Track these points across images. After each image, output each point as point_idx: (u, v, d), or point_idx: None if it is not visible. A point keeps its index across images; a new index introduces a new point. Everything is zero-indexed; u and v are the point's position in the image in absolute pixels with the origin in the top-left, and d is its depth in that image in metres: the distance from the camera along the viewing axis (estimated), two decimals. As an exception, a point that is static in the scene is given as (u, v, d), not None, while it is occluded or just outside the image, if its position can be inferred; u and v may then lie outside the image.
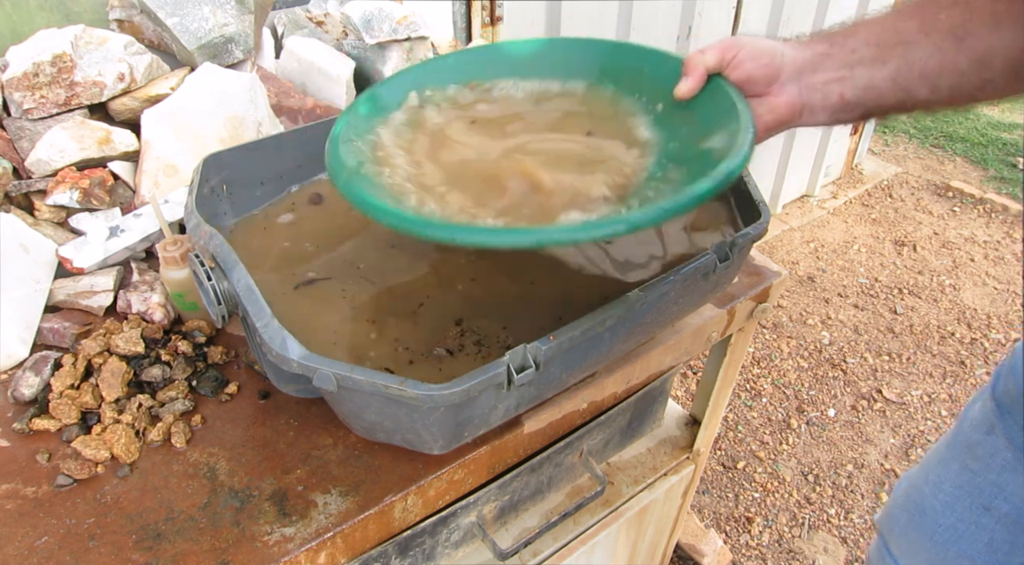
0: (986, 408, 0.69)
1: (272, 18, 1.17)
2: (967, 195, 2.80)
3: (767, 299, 0.89)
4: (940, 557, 0.72)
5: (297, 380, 0.64)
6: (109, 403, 0.68)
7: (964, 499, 0.70)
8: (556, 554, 0.93)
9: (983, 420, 0.69)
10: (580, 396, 0.74)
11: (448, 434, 0.58)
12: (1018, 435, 0.65)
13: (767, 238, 2.55)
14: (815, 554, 1.60)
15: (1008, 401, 0.66)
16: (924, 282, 2.37)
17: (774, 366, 2.06)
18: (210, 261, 0.61)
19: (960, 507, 0.70)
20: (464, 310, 0.70)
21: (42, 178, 0.84)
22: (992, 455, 0.67)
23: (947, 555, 0.72)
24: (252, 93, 0.93)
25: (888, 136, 3.21)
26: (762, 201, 0.71)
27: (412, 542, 0.73)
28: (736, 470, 1.77)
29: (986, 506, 0.68)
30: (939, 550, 0.72)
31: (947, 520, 0.71)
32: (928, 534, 0.73)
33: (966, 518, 0.70)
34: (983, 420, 0.69)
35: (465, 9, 1.43)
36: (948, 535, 0.71)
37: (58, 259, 0.81)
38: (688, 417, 1.12)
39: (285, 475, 0.64)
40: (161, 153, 0.87)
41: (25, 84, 0.84)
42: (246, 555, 0.57)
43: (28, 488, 0.62)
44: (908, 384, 2.01)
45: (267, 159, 0.80)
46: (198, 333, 0.76)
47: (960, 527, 0.70)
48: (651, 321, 0.68)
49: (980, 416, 0.70)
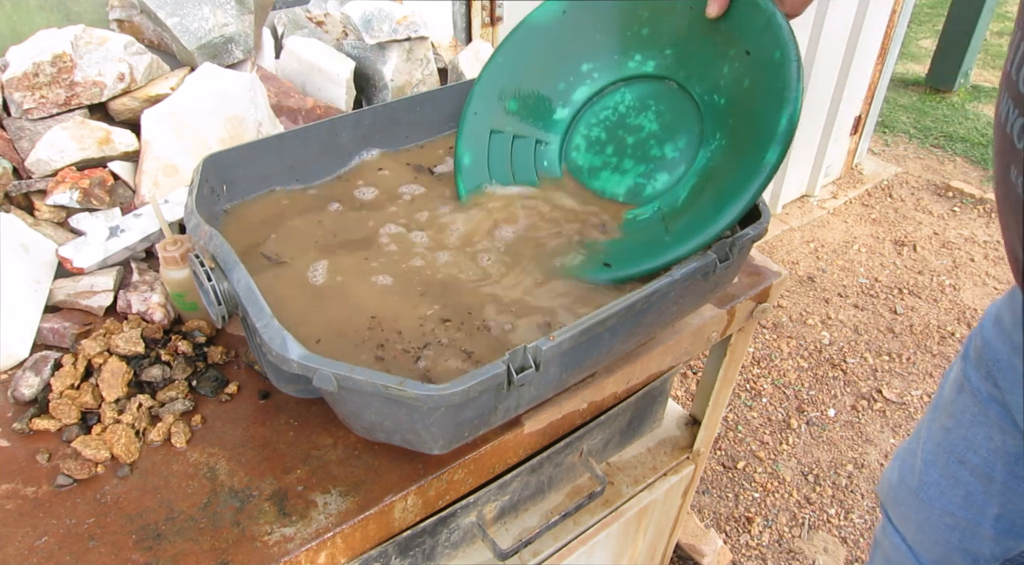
0: (957, 369, 0.73)
1: (272, 18, 1.17)
2: (967, 195, 2.80)
3: (767, 299, 0.89)
4: (926, 516, 0.76)
5: (297, 380, 0.64)
6: (109, 403, 0.68)
7: (942, 455, 0.73)
8: (556, 554, 0.93)
9: (955, 381, 0.73)
10: (580, 396, 0.74)
11: (448, 434, 0.58)
12: (982, 388, 0.68)
13: (767, 238, 2.55)
14: (815, 554, 1.60)
15: (975, 357, 0.70)
16: (924, 282, 2.37)
17: (774, 366, 2.06)
18: (210, 261, 0.61)
19: (940, 463, 0.74)
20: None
21: (42, 178, 0.84)
22: (963, 411, 0.71)
23: (931, 513, 0.75)
24: (252, 93, 0.93)
25: (888, 136, 3.21)
26: (762, 201, 0.71)
27: (412, 542, 0.73)
28: (736, 470, 1.77)
29: (960, 459, 0.71)
30: (925, 509, 0.75)
31: (930, 477, 0.75)
32: (915, 492, 0.76)
33: (946, 473, 0.73)
34: (955, 381, 0.73)
35: (465, 9, 1.43)
36: (932, 492, 0.74)
37: (58, 259, 0.81)
38: (688, 417, 1.12)
39: (285, 475, 0.64)
40: (161, 153, 0.87)
41: (25, 84, 0.84)
42: (246, 555, 0.57)
43: (28, 488, 0.62)
44: (908, 384, 2.01)
45: (267, 159, 0.80)
46: (198, 333, 0.76)
47: (942, 482, 0.73)
48: (651, 321, 0.68)
49: (953, 378, 0.74)
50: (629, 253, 0.74)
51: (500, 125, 0.86)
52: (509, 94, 0.86)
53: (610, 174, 0.83)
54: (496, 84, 0.86)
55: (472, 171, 0.85)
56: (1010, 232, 0.56)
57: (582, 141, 0.86)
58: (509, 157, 0.86)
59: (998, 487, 0.68)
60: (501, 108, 0.86)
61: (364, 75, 1.14)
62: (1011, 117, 0.52)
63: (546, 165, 0.86)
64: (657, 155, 0.80)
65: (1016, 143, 0.51)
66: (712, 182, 0.73)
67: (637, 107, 0.82)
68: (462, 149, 0.86)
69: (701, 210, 0.71)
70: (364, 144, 0.89)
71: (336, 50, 1.11)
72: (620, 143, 0.83)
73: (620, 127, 0.83)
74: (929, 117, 3.31)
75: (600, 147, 0.84)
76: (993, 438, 0.68)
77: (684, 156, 0.78)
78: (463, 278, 0.73)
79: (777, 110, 0.65)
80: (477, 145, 0.86)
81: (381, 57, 1.11)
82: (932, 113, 3.34)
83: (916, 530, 0.78)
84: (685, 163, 0.78)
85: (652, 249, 0.71)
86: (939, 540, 0.75)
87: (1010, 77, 0.52)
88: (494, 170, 0.86)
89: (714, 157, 0.74)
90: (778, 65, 0.66)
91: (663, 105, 0.80)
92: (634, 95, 0.82)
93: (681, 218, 0.73)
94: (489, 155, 0.86)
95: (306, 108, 1.03)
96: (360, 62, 1.13)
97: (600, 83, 0.84)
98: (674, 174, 0.78)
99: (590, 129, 0.85)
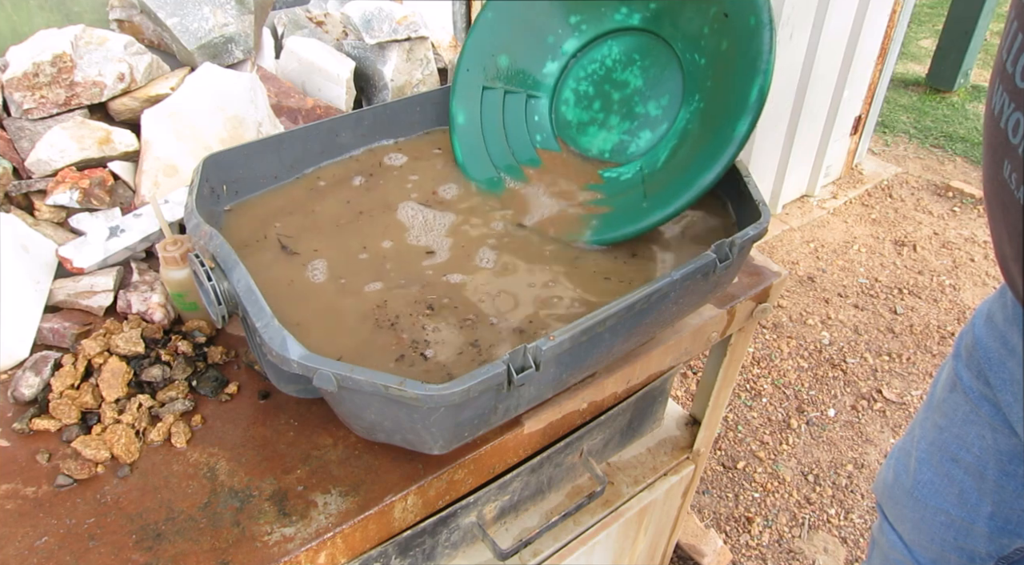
0: (949, 368, 0.74)
1: (272, 18, 1.17)
2: (967, 195, 2.80)
3: (767, 299, 0.89)
4: (921, 515, 0.76)
5: (297, 380, 0.64)
6: (109, 403, 0.68)
7: (936, 454, 0.74)
8: (556, 554, 0.93)
9: (947, 380, 0.74)
10: (580, 396, 0.74)
11: (448, 434, 0.58)
12: (974, 387, 0.68)
13: (767, 238, 2.55)
14: (815, 554, 1.60)
15: (966, 355, 0.70)
16: (924, 282, 2.37)
17: (774, 366, 2.06)
18: (210, 261, 0.61)
19: (934, 462, 0.74)
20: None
21: (42, 178, 0.84)
22: (955, 410, 0.71)
23: (926, 512, 0.75)
24: (252, 93, 0.93)
25: (888, 136, 3.21)
26: (762, 201, 0.71)
27: (412, 542, 0.73)
28: (736, 470, 1.77)
29: (954, 458, 0.71)
30: (920, 508, 0.76)
31: (924, 476, 0.75)
32: (909, 491, 0.77)
33: (940, 472, 0.73)
34: (947, 380, 0.74)
35: (465, 9, 1.43)
36: (926, 490, 0.74)
37: (58, 259, 0.81)
38: (688, 417, 1.12)
39: (285, 475, 0.64)
40: (161, 153, 0.87)
41: (25, 84, 0.84)
42: (246, 555, 0.57)
43: (28, 488, 0.62)
44: (908, 384, 2.01)
45: (267, 159, 0.80)
46: (198, 333, 0.76)
47: (936, 481, 0.73)
48: (651, 321, 0.68)
49: (945, 377, 0.74)
50: (611, 216, 0.78)
51: (492, 81, 0.88)
52: (500, 50, 0.88)
53: (597, 130, 0.86)
54: (487, 40, 0.88)
55: (466, 131, 0.88)
56: (998, 230, 0.55)
57: (571, 95, 0.88)
58: (501, 114, 0.89)
59: (991, 485, 0.68)
60: (493, 64, 0.88)
61: (364, 75, 1.14)
62: (1006, 111, 0.51)
63: (537, 120, 0.89)
64: (641, 112, 0.83)
65: (1011, 138, 0.50)
66: (690, 147, 0.76)
67: (623, 61, 0.85)
68: (456, 107, 0.88)
69: (675, 179, 0.74)
70: (365, 143, 0.89)
71: (336, 50, 1.12)
72: (607, 98, 0.86)
73: (607, 82, 0.86)
74: (929, 117, 3.31)
75: (588, 102, 0.87)
76: (985, 436, 0.68)
77: (667, 114, 0.81)
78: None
79: (749, 80, 0.68)
80: (470, 103, 0.88)
81: (381, 57, 1.11)
82: (932, 113, 3.34)
83: (912, 529, 0.78)
84: (667, 121, 0.81)
85: (631, 215, 0.76)
86: (934, 538, 0.75)
87: (1005, 70, 0.51)
88: (487, 129, 0.88)
89: (693, 119, 0.77)
90: (752, 32, 0.69)
91: (648, 60, 0.83)
92: (620, 48, 0.85)
93: (658, 184, 0.76)
94: (482, 113, 0.88)
95: (306, 108, 1.03)
96: (360, 62, 1.13)
97: (588, 35, 0.87)
98: (656, 132, 0.82)
99: (578, 83, 0.88)
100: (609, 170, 0.84)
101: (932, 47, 3.60)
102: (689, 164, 0.73)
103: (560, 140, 0.89)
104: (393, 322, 0.68)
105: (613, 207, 0.80)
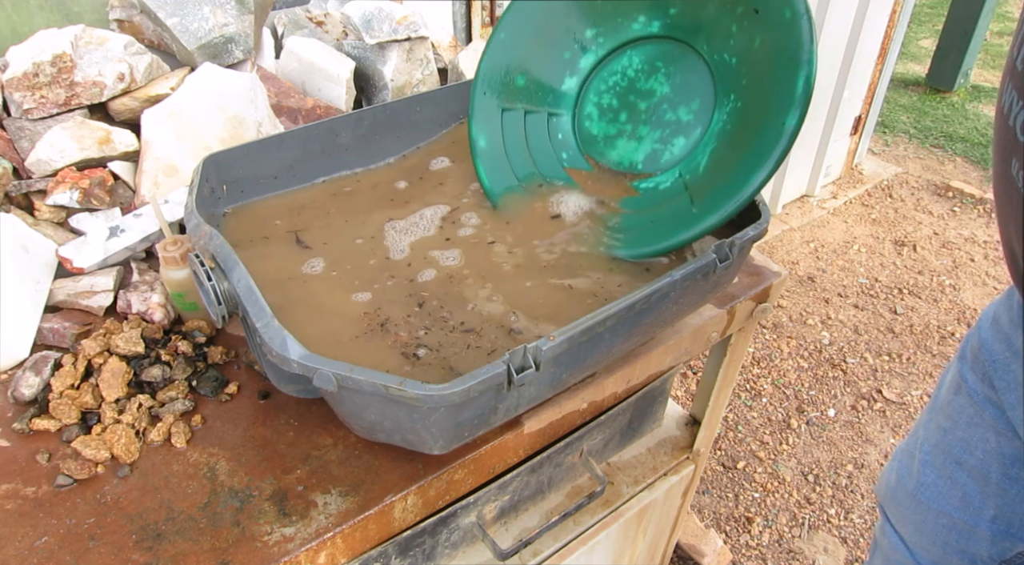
0: (954, 370, 0.73)
1: (272, 18, 1.17)
2: (967, 195, 2.80)
3: (767, 299, 0.89)
4: (923, 517, 0.76)
5: (297, 380, 0.64)
6: (109, 403, 0.68)
7: (939, 456, 0.73)
8: (556, 554, 0.93)
9: (952, 382, 0.73)
10: (580, 396, 0.74)
11: (448, 434, 0.58)
12: (979, 390, 0.68)
13: (767, 238, 2.55)
14: (815, 554, 1.60)
15: (972, 358, 0.70)
16: (924, 282, 2.37)
17: (774, 366, 2.06)
18: (210, 261, 0.61)
19: (937, 464, 0.73)
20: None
21: (42, 178, 0.84)
22: (959, 412, 0.71)
23: (929, 514, 0.75)
24: (252, 93, 0.93)
25: (888, 136, 3.21)
26: (762, 201, 0.71)
27: (412, 542, 0.73)
28: (736, 470, 1.77)
29: (957, 461, 0.71)
30: (922, 510, 0.75)
31: (927, 478, 0.74)
32: (912, 493, 0.76)
33: (943, 474, 0.73)
34: (952, 382, 0.73)
35: (465, 9, 1.43)
36: (929, 493, 0.74)
37: (58, 259, 0.81)
38: (688, 417, 1.12)
39: (285, 475, 0.64)
40: (161, 153, 0.87)
41: (25, 84, 0.84)
42: (246, 555, 0.57)
43: (28, 488, 0.62)
44: (908, 384, 2.01)
45: (267, 159, 0.80)
46: (198, 333, 0.76)
47: (939, 484, 0.73)
48: (651, 321, 0.68)
49: (950, 379, 0.74)
50: (655, 226, 0.75)
51: (510, 102, 0.86)
52: (516, 70, 0.86)
53: (627, 141, 0.83)
54: (501, 61, 0.86)
55: (489, 154, 0.85)
56: (1008, 230, 0.55)
57: (594, 110, 0.86)
58: (523, 135, 0.86)
59: (994, 488, 0.68)
60: (509, 84, 0.86)
61: (364, 75, 1.14)
62: (1015, 109, 0.51)
63: (561, 138, 0.86)
64: (672, 119, 0.80)
65: (1019, 136, 0.50)
66: (732, 148, 0.73)
67: (646, 70, 0.82)
68: (476, 131, 0.86)
69: (725, 178, 0.71)
70: (366, 143, 0.89)
71: (336, 50, 1.11)
72: (633, 109, 0.83)
73: (631, 92, 0.83)
74: (929, 117, 3.31)
75: (613, 114, 0.84)
76: (989, 439, 0.67)
77: (699, 119, 0.78)
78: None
79: (793, 72, 0.66)
80: (490, 126, 0.86)
81: (381, 57, 1.11)
82: (932, 113, 3.34)
83: (914, 531, 0.78)
84: (701, 126, 0.78)
85: (680, 222, 0.72)
86: (937, 541, 0.75)
87: (1015, 68, 0.51)
88: (511, 151, 0.85)
89: (731, 120, 0.75)
90: (789, 24, 0.66)
91: (672, 66, 0.80)
92: (641, 58, 0.83)
93: (705, 187, 0.73)
94: (504, 135, 0.86)
95: (306, 108, 1.03)
96: (360, 62, 1.13)
97: (606, 48, 0.84)
98: (691, 138, 0.79)
99: (600, 97, 0.85)
100: (645, 181, 0.81)
101: (932, 47, 3.60)
102: (736, 165, 0.71)
103: (588, 157, 0.86)
104: (385, 322, 0.68)
105: (656, 217, 0.77)
